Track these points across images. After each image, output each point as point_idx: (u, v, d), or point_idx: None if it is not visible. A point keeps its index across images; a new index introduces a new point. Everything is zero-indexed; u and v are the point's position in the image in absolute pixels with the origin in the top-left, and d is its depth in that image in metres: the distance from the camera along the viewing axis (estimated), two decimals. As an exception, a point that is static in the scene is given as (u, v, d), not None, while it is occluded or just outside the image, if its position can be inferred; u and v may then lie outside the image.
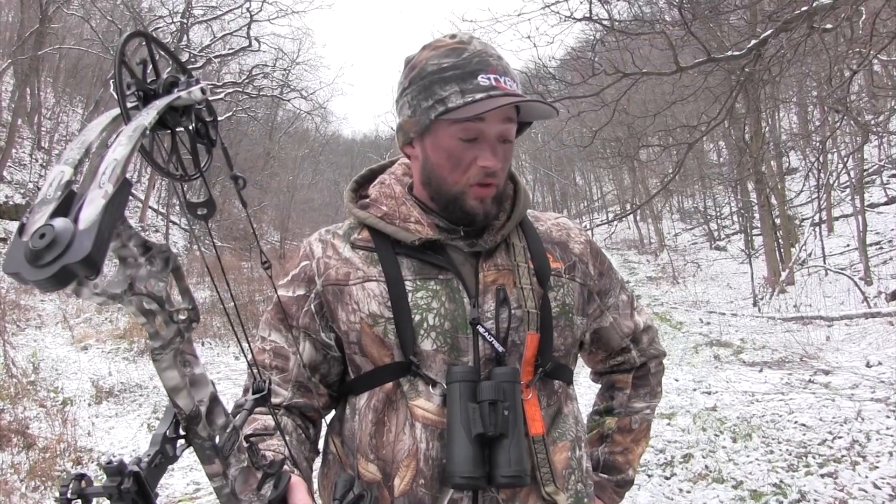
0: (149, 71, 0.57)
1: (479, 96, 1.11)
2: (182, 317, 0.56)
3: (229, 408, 0.78)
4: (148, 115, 0.50)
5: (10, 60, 18.43)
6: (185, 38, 21.44)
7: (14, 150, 18.42)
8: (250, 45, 21.84)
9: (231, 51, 22.76)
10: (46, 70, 23.48)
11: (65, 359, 9.27)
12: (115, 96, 0.52)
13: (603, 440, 1.44)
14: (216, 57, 22.33)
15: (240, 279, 14.70)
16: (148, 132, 0.49)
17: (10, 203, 16.18)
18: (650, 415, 1.46)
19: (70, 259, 0.41)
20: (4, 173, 17.27)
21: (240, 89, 23.20)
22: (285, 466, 0.93)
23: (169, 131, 0.59)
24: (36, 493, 4.98)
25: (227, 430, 0.67)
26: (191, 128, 0.60)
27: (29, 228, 0.44)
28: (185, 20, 20.91)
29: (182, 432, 0.62)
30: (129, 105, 0.54)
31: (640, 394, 1.45)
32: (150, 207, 22.57)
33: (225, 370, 9.36)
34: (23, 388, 7.49)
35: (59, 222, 0.43)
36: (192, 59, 21.07)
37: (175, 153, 0.59)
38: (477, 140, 1.15)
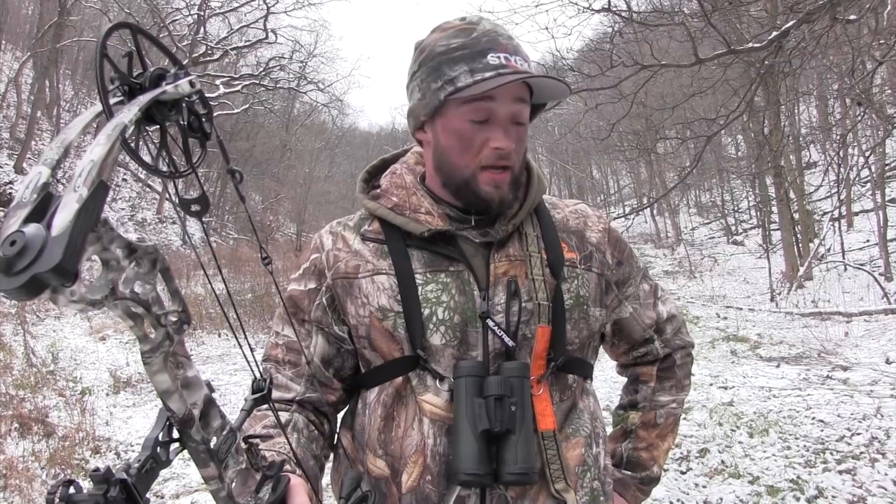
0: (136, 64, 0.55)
1: (488, 74, 1.07)
2: (173, 319, 0.54)
3: (237, 406, 0.77)
4: (129, 112, 0.48)
5: (29, 53, 18.62)
6: (202, 30, 21.50)
7: (33, 142, 18.61)
8: (267, 37, 21.85)
9: (248, 43, 22.80)
10: (65, 62, 23.73)
11: (83, 349, 9.38)
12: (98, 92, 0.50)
13: (626, 436, 1.41)
14: (233, 49, 22.39)
15: (256, 271, 14.78)
16: (129, 130, 0.47)
17: (30, 194, 16.35)
18: (677, 409, 1.41)
19: (40, 268, 0.40)
20: (24, 165, 17.46)
21: (256, 81, 23.24)
22: (286, 467, 0.92)
23: (158, 126, 0.57)
24: (56, 481, 5.05)
25: (224, 433, 0.65)
26: (181, 122, 0.58)
27: (1, 234, 0.42)
28: (202, 12, 20.96)
29: (176, 435, 0.61)
30: (114, 101, 0.52)
31: (666, 387, 1.40)
32: (167, 199, 22.71)
33: (241, 361, 9.40)
34: (42, 377, 7.59)
35: (31, 228, 0.41)
36: (210, 52, 21.15)
37: (164, 149, 0.57)
38: (488, 121, 1.12)
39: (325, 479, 1.66)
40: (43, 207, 0.44)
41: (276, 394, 1.21)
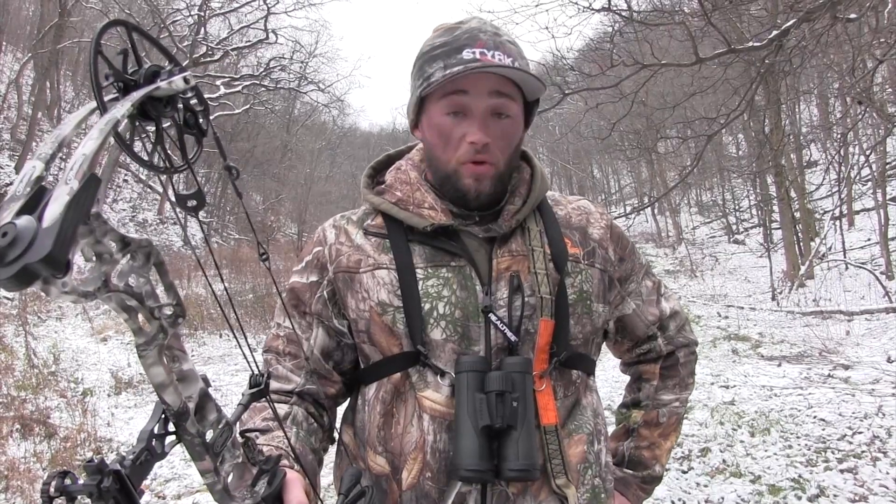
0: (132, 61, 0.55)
1: (457, 69, 1.08)
2: (167, 312, 0.55)
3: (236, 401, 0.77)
4: (122, 107, 0.49)
5: (30, 54, 18.65)
6: (202, 30, 21.50)
7: (34, 143, 18.63)
8: (267, 37, 21.82)
9: (248, 43, 22.79)
10: (66, 64, 23.76)
11: (84, 350, 9.39)
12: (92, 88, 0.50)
13: (629, 434, 1.40)
14: (233, 49, 22.37)
15: (257, 271, 14.80)
16: (122, 125, 0.48)
17: (32, 195, 16.37)
18: (680, 408, 1.40)
19: (31, 258, 0.40)
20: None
21: (257, 82, 23.23)
22: (283, 462, 0.92)
23: (154, 123, 0.57)
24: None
25: (220, 426, 0.66)
26: (176, 118, 0.59)
27: None
28: (202, 13, 20.94)
29: (171, 428, 0.61)
30: (109, 97, 0.53)
31: (669, 385, 1.39)
32: (169, 200, 22.71)
33: (242, 362, 9.41)
34: (44, 378, 7.61)
35: (23, 220, 0.42)
36: (210, 52, 21.15)
37: (159, 145, 0.58)
38: (464, 115, 1.13)
39: (328, 479, 1.66)
40: (36, 200, 0.44)
41: (276, 385, 1.22)
